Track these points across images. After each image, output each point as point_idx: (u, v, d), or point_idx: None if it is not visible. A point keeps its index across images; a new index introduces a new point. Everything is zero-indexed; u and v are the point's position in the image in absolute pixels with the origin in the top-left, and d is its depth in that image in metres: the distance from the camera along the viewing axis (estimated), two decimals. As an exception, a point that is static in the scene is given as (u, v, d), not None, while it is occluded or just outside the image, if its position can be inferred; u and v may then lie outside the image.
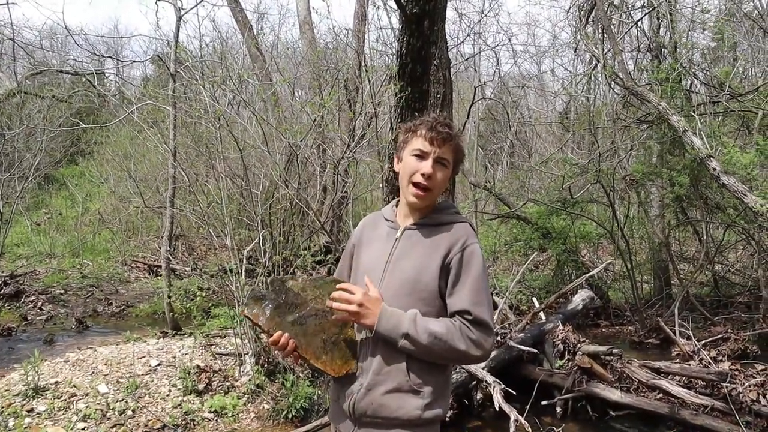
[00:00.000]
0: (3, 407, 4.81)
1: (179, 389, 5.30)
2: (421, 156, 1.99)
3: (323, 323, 2.02)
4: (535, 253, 8.01)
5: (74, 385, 5.26)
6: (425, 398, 1.93)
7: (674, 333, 6.33)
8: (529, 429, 3.99)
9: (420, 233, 2.03)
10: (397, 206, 2.16)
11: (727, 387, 4.99)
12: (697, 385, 5.29)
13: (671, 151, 8.50)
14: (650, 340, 7.53)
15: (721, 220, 8.44)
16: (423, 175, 1.98)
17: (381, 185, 4.83)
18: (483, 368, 4.97)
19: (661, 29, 9.65)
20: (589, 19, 9.82)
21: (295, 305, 2.02)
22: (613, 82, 9.15)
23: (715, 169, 6.35)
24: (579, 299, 6.49)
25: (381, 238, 2.12)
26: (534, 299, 6.85)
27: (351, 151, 7.31)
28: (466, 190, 13.30)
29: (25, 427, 4.54)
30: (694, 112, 7.44)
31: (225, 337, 6.36)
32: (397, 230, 2.08)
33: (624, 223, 8.64)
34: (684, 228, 9.56)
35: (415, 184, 1.99)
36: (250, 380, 5.36)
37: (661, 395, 5.16)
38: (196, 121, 8.05)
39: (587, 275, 6.57)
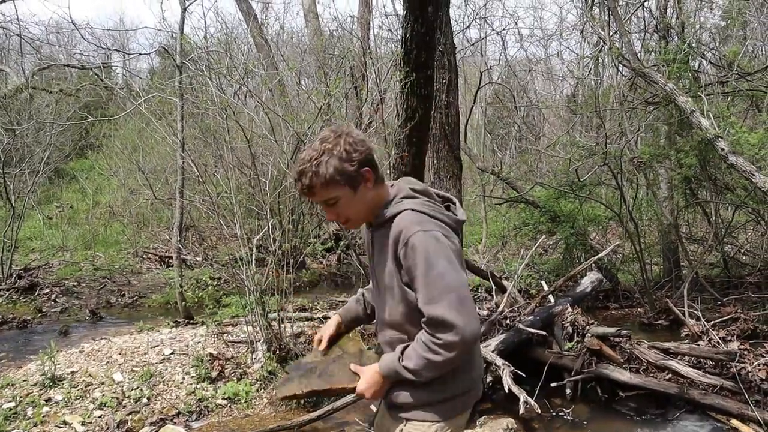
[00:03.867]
0: (21, 397, 4.90)
1: (193, 377, 5.39)
2: None
3: (343, 360, 2.22)
4: (543, 236, 8.01)
5: (90, 375, 5.35)
6: (421, 384, 1.96)
7: (683, 314, 6.33)
8: (539, 410, 4.02)
9: (378, 234, 2.03)
10: None
11: (736, 366, 4.99)
12: (706, 365, 5.29)
13: (679, 133, 8.45)
14: (659, 322, 7.53)
15: (730, 200, 8.41)
16: (329, 219, 2.07)
17: (388, 172, 4.86)
18: (492, 351, 5.01)
19: (668, 9, 9.55)
20: (595, 1, 9.73)
21: (315, 367, 2.22)
22: (620, 64, 9.08)
23: (723, 149, 6.32)
24: (588, 282, 6.50)
25: (365, 242, 2.21)
26: (543, 282, 6.85)
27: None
28: (474, 175, 13.30)
29: (44, 416, 4.63)
30: (702, 93, 7.38)
31: (237, 325, 6.43)
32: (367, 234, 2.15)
33: (632, 206, 8.62)
34: (693, 209, 9.52)
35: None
36: (262, 367, 5.43)
37: (670, 375, 5.17)
38: (203, 112, 8.09)
39: (595, 258, 6.57)
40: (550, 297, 6.19)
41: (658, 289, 8.42)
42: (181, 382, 5.32)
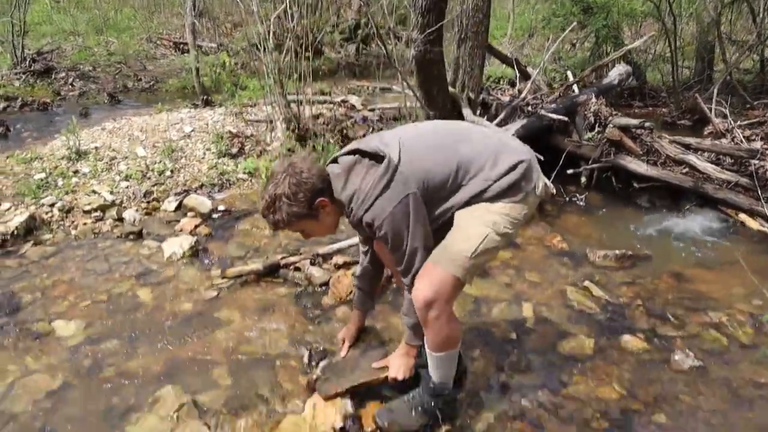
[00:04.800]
0: (51, 169, 5.05)
1: (213, 153, 5.48)
2: None
3: (369, 354, 2.66)
4: (574, 23, 7.53)
5: (114, 149, 5.45)
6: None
7: (710, 111, 6.15)
8: (554, 191, 4.08)
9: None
10: None
11: (755, 164, 4.94)
12: (724, 162, 5.24)
13: None
14: (683, 122, 7.41)
15: (782, -4, 7.79)
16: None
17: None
18: (512, 135, 4.98)
19: None
20: None
21: (346, 365, 2.63)
22: None
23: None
24: (615, 73, 6.24)
25: None
26: (568, 72, 6.59)
27: None
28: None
29: (73, 186, 4.80)
30: None
31: (255, 106, 6.40)
32: None
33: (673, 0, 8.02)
34: (738, 8, 8.88)
35: None
36: (281, 144, 5.48)
37: (687, 170, 5.16)
38: None
39: (627, 47, 6.25)
40: (575, 88, 6.00)
41: (686, 90, 8.15)
42: (203, 158, 5.43)
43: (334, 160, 2.20)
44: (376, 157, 2.06)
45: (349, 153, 2.16)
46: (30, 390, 2.59)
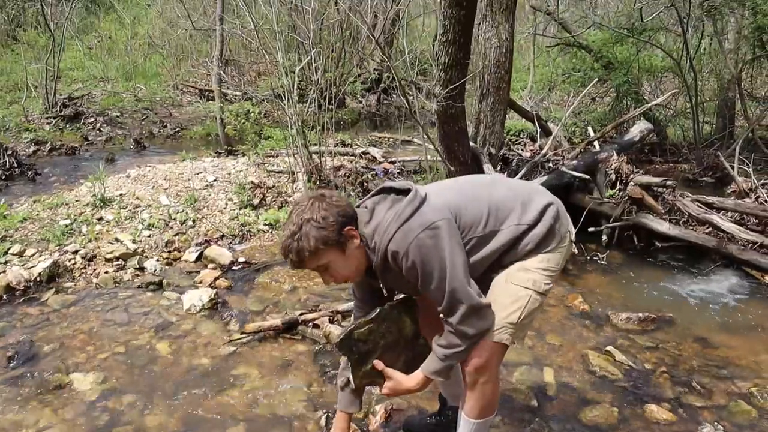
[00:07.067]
0: (75, 215, 5.13)
1: (235, 203, 5.53)
2: None
3: (397, 350, 2.23)
4: (596, 79, 7.59)
5: (137, 197, 5.53)
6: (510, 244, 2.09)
7: (732, 169, 6.11)
8: (575, 250, 4.05)
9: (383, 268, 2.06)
10: None
11: (781, 225, 4.88)
12: (749, 222, 5.18)
13: (759, -24, 7.67)
14: (705, 179, 7.36)
15: (803, 53, 7.82)
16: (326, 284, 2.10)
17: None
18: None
19: None
20: None
21: (368, 353, 2.17)
22: None
23: (807, -6, 5.74)
24: (637, 130, 6.25)
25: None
26: (589, 128, 6.60)
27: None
28: (526, 14, 12.53)
29: (97, 233, 4.86)
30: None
31: (277, 156, 6.48)
32: None
33: (694, 56, 8.07)
34: (759, 64, 8.91)
35: None
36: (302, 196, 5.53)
37: (710, 230, 5.10)
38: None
39: (650, 104, 6.25)
40: (596, 144, 6.01)
41: (707, 147, 8.13)
42: (224, 208, 5.49)
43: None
44: (403, 192, 1.98)
45: (375, 194, 2.10)
46: (45, 447, 2.58)
